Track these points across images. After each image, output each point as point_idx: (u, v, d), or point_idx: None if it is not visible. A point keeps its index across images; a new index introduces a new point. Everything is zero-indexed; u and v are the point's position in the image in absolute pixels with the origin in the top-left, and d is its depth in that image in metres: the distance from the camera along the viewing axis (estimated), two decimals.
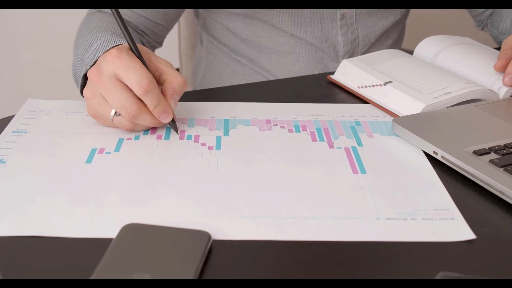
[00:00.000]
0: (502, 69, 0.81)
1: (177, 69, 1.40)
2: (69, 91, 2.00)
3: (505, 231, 0.55)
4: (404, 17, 1.13)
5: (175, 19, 1.00)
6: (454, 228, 0.55)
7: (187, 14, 1.31)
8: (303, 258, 0.51)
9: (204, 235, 0.52)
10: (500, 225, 0.56)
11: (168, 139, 0.71)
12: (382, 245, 0.53)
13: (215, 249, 0.52)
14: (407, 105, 0.76)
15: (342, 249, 0.53)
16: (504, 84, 0.79)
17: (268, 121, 0.76)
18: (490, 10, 1.10)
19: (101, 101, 0.69)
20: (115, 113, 0.69)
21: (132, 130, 0.71)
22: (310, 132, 0.73)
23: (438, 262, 0.51)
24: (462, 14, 1.24)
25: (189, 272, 0.47)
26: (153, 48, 1.01)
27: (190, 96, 0.84)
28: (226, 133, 0.72)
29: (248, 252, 0.52)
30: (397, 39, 1.13)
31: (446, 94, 0.77)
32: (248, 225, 0.55)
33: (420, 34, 1.08)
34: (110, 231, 0.53)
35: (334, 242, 0.53)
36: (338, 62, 1.04)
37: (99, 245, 0.51)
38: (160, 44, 1.02)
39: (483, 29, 1.14)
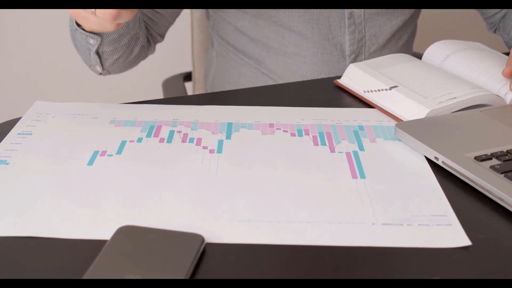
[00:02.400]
0: (510, 75, 0.80)
1: (190, 73, 1.41)
2: (78, 93, 2.02)
3: (502, 238, 0.55)
4: (415, 17, 1.12)
5: (175, 12, 1.01)
6: (450, 234, 0.55)
7: (200, 18, 1.32)
8: (296, 263, 0.51)
9: (198, 238, 0.52)
10: (497, 232, 0.56)
11: (170, 142, 0.71)
12: (377, 251, 0.53)
13: (209, 252, 0.52)
14: (412, 110, 0.76)
15: (336, 254, 0.52)
16: (511, 89, 0.78)
17: (271, 125, 0.76)
18: (502, 12, 1.09)
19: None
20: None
21: (116, 17, 0.70)
22: (312, 136, 0.73)
23: (432, 268, 0.51)
24: (477, 17, 1.22)
25: (179, 274, 0.48)
26: (154, 38, 1.01)
27: (195, 100, 0.84)
28: (228, 137, 0.73)
29: (242, 256, 0.52)
30: (408, 40, 1.13)
31: (451, 99, 0.76)
32: (244, 228, 0.55)
33: (433, 37, 1.08)
34: (108, 233, 0.53)
35: (328, 247, 0.53)
36: (345, 62, 1.03)
37: (97, 246, 0.52)
38: (162, 37, 1.03)
39: (495, 32, 1.13)
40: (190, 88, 1.45)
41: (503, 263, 0.52)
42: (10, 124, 0.75)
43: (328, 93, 0.88)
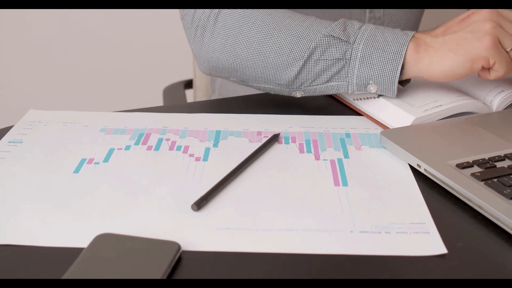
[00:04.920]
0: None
1: (191, 80, 1.42)
2: (79, 102, 2.04)
3: (479, 246, 0.55)
4: (419, 18, 1.15)
5: None
6: (427, 242, 0.55)
7: None
8: (272, 271, 0.52)
9: (174, 245, 0.53)
10: (475, 241, 0.56)
11: (158, 150, 0.72)
12: (352, 259, 0.53)
13: (185, 260, 0.53)
14: (398, 117, 0.76)
15: (312, 262, 0.53)
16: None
17: (259, 133, 0.77)
18: None
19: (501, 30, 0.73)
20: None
21: None
22: (298, 144, 0.74)
23: (407, 276, 0.51)
24: None
25: None
26: None
27: (186, 108, 0.85)
28: (215, 145, 0.73)
29: (218, 263, 0.53)
30: None
31: (437, 107, 0.76)
32: (221, 236, 0.56)
33: None
34: (88, 241, 0.54)
35: (305, 255, 0.54)
36: None
37: (77, 254, 0.53)
38: None
39: None
40: (191, 96, 1.46)
41: (478, 271, 0.52)
42: (2, 133, 0.76)
43: (319, 101, 0.88)
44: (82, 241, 0.54)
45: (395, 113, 0.77)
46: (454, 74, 0.74)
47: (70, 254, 0.53)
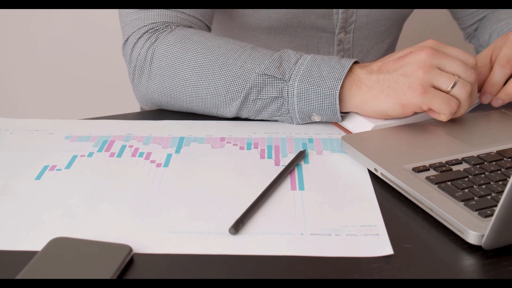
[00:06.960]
0: None
1: None
2: (59, 108, 2.04)
3: (426, 248, 0.56)
4: (396, 39, 1.16)
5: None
6: (375, 244, 0.56)
7: None
8: (220, 272, 0.53)
9: (125, 248, 0.53)
10: (423, 243, 0.56)
11: (120, 156, 0.73)
12: (300, 260, 0.54)
13: (137, 262, 0.54)
14: (359, 124, 0.77)
15: (259, 264, 0.54)
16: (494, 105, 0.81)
17: (222, 139, 0.77)
18: (475, 26, 1.14)
19: (437, 71, 0.72)
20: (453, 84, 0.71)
21: (469, 106, 0.74)
22: (260, 149, 0.74)
23: (351, 277, 0.52)
24: (454, 28, 1.25)
25: None
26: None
27: (153, 115, 0.86)
28: (178, 151, 0.74)
29: (169, 266, 0.53)
30: None
31: None
32: (174, 240, 0.57)
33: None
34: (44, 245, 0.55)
35: (252, 256, 0.54)
36: None
37: (32, 257, 0.53)
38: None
39: (470, 41, 1.18)
40: None
41: (422, 272, 0.52)
42: None
43: None
44: (38, 245, 0.55)
45: (356, 119, 0.78)
46: (385, 115, 0.75)
47: (26, 257, 0.53)
